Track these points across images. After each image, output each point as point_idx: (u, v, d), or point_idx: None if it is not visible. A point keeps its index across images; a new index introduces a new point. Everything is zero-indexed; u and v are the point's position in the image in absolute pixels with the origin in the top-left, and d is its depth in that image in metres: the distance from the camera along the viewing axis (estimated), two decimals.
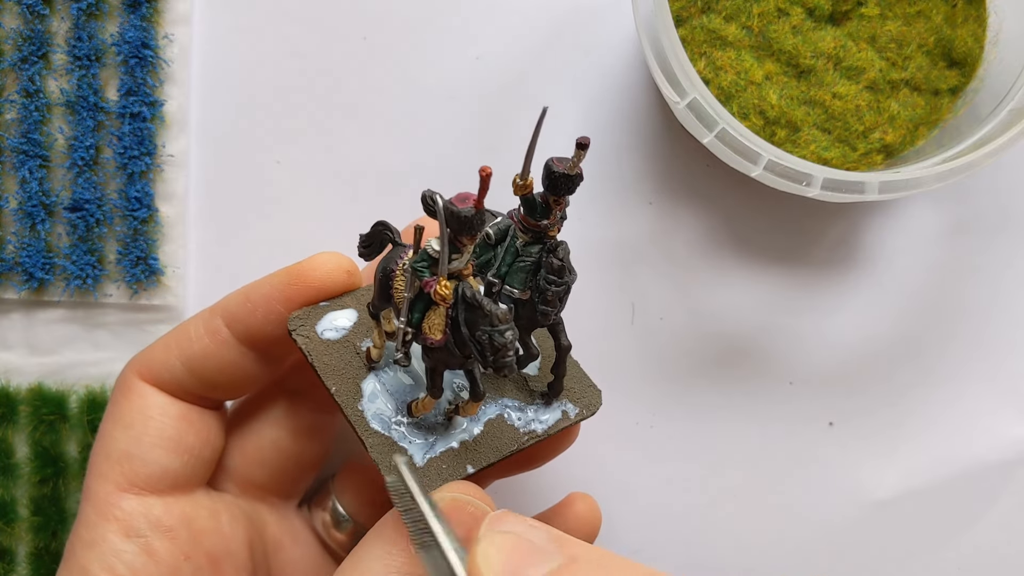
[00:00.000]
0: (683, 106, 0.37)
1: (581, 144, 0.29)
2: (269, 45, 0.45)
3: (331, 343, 0.34)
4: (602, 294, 0.46)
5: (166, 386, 0.36)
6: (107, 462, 0.35)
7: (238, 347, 0.35)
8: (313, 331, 0.34)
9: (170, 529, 0.35)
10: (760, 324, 0.46)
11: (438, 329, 0.30)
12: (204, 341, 0.35)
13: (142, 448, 0.35)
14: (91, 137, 0.43)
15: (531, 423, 0.34)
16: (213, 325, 0.35)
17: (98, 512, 0.35)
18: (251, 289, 0.35)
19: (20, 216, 0.43)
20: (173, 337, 0.36)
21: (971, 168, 0.37)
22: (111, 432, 0.36)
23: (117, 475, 0.35)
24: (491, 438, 0.34)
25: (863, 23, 0.42)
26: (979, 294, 0.46)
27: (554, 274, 0.31)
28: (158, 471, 0.35)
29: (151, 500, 0.35)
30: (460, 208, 0.28)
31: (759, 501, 0.46)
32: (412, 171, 0.45)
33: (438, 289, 0.29)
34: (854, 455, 0.46)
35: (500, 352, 0.28)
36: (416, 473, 0.31)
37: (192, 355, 0.35)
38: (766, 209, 0.45)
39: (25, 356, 0.44)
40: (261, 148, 0.45)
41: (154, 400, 0.35)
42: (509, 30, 0.45)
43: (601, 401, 0.35)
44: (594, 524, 0.39)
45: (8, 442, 0.44)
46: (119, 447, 0.35)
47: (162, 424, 0.35)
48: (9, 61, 0.43)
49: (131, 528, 0.34)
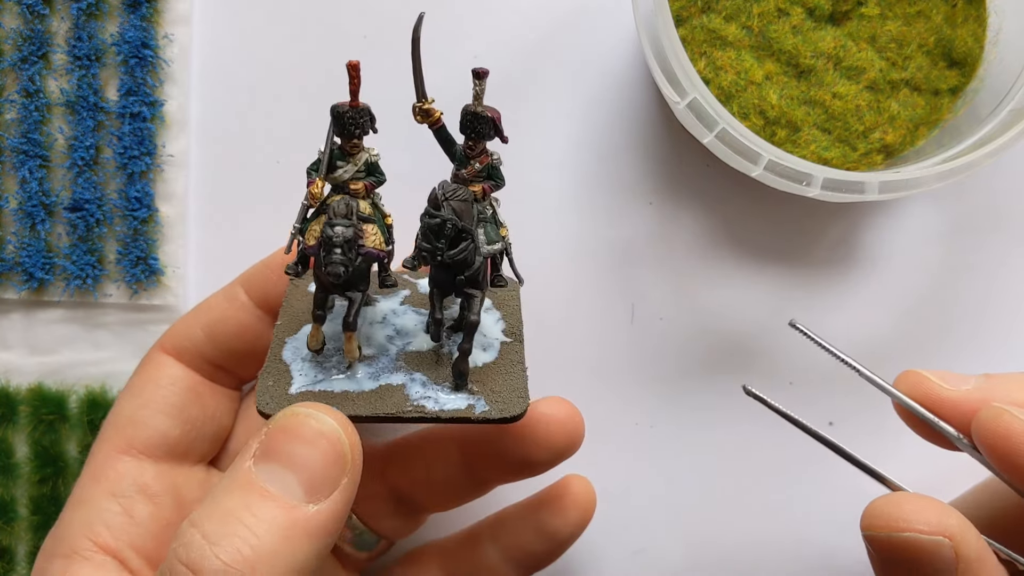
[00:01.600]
0: (683, 106, 0.37)
1: (477, 73, 0.29)
2: (269, 45, 0.45)
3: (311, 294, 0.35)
4: (602, 294, 0.46)
5: (184, 355, 0.37)
6: (112, 426, 0.36)
7: (255, 311, 0.38)
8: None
9: (156, 495, 0.35)
10: (760, 324, 0.46)
11: (312, 236, 0.31)
12: (223, 306, 0.38)
13: (145, 413, 0.36)
14: (91, 137, 0.43)
15: (426, 400, 0.33)
16: (232, 291, 0.38)
17: (92, 474, 0.36)
18: (270, 257, 0.38)
19: (20, 216, 0.43)
20: (196, 309, 0.38)
21: (971, 168, 0.37)
22: (122, 399, 0.37)
23: (119, 438, 0.36)
24: (376, 398, 0.33)
25: (863, 23, 0.42)
26: (978, 293, 0.46)
27: (431, 204, 0.30)
28: (156, 436, 0.36)
29: (145, 464, 0.36)
30: (337, 104, 0.29)
31: (759, 501, 0.46)
32: (412, 171, 0.45)
33: (311, 189, 0.30)
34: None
35: (328, 246, 0.29)
36: None
37: (211, 320, 0.37)
38: (766, 209, 0.45)
39: (25, 356, 0.44)
40: (261, 148, 0.45)
41: (168, 370, 0.37)
42: (509, 30, 0.45)
43: (523, 411, 0.33)
44: (588, 505, 0.40)
45: (8, 442, 0.44)
46: (125, 413, 0.36)
47: (168, 392, 0.37)
48: (9, 61, 0.43)
49: (117, 488, 0.35)
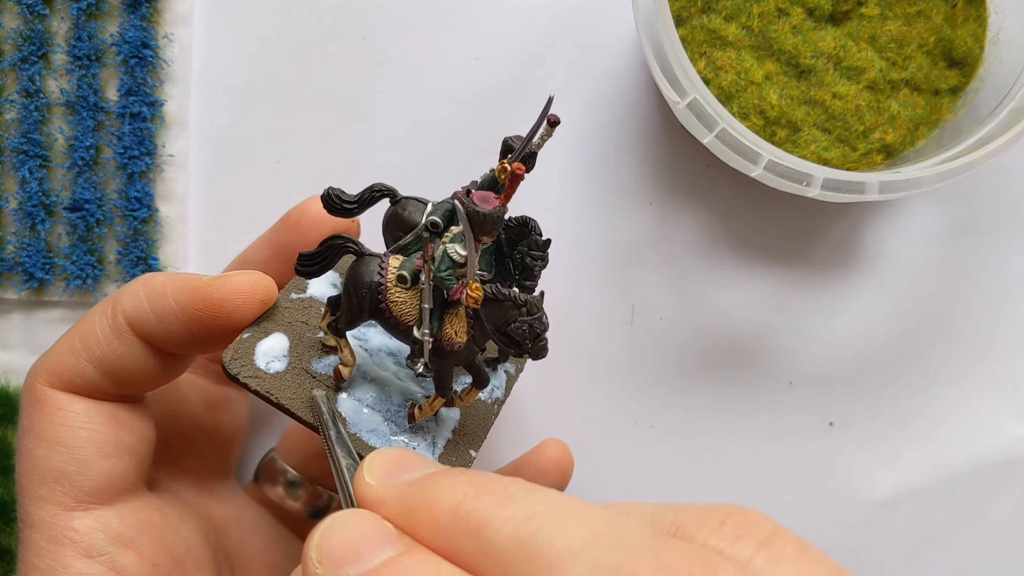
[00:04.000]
0: (683, 106, 0.37)
1: (552, 121, 0.29)
2: (269, 45, 0.45)
3: (282, 375, 0.31)
4: (602, 294, 0.46)
5: (81, 390, 0.32)
6: (44, 484, 0.32)
7: (148, 350, 0.32)
8: (257, 368, 0.31)
9: (131, 540, 0.32)
10: (760, 324, 0.46)
11: (463, 332, 0.29)
12: (113, 343, 0.32)
13: (79, 462, 0.32)
14: (91, 137, 0.43)
15: (493, 391, 0.34)
16: (118, 325, 0.32)
17: (49, 538, 0.31)
18: (152, 296, 0.32)
19: (20, 216, 0.43)
20: (78, 339, 0.32)
21: (971, 168, 0.37)
22: (35, 450, 0.32)
23: (59, 495, 0.32)
24: (470, 418, 0.34)
25: (863, 23, 0.42)
26: (979, 294, 0.46)
27: (539, 249, 0.31)
28: (103, 480, 0.32)
29: (104, 513, 0.32)
30: (490, 209, 0.27)
31: (759, 501, 0.46)
32: (412, 171, 0.45)
33: (470, 293, 0.28)
34: (854, 455, 0.46)
35: (540, 338, 0.28)
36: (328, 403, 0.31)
37: (103, 358, 0.32)
38: (766, 209, 0.45)
39: (25, 356, 0.44)
40: (261, 148, 0.45)
41: (75, 408, 0.32)
42: (509, 30, 0.45)
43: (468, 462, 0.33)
44: (566, 468, 0.39)
45: (8, 442, 0.44)
46: (52, 465, 0.32)
47: (92, 432, 0.32)
48: (9, 61, 0.43)
49: (91, 547, 0.31)
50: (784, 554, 0.21)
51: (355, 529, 0.23)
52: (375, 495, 0.24)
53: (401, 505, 0.23)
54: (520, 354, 0.29)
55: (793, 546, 0.21)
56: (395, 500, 0.24)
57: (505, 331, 0.28)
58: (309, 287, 0.34)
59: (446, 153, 0.45)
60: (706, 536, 0.21)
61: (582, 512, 0.21)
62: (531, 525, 0.21)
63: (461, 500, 0.22)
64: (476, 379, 0.32)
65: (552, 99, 0.28)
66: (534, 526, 0.21)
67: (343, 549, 0.22)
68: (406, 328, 0.30)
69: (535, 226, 0.31)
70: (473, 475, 0.23)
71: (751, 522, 0.21)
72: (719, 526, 0.21)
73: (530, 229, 0.31)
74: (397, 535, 0.23)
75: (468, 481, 0.23)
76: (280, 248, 0.37)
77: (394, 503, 0.24)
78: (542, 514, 0.21)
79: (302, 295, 0.34)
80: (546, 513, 0.21)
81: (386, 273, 0.30)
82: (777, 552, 0.21)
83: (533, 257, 0.31)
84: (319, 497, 0.42)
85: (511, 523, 0.21)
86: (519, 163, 0.27)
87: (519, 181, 0.27)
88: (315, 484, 0.41)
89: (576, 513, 0.21)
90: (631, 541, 0.20)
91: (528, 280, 0.31)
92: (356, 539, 0.23)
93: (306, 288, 0.34)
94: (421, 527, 0.23)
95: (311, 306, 0.34)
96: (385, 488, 0.24)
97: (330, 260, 0.31)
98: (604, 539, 0.20)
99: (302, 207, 0.37)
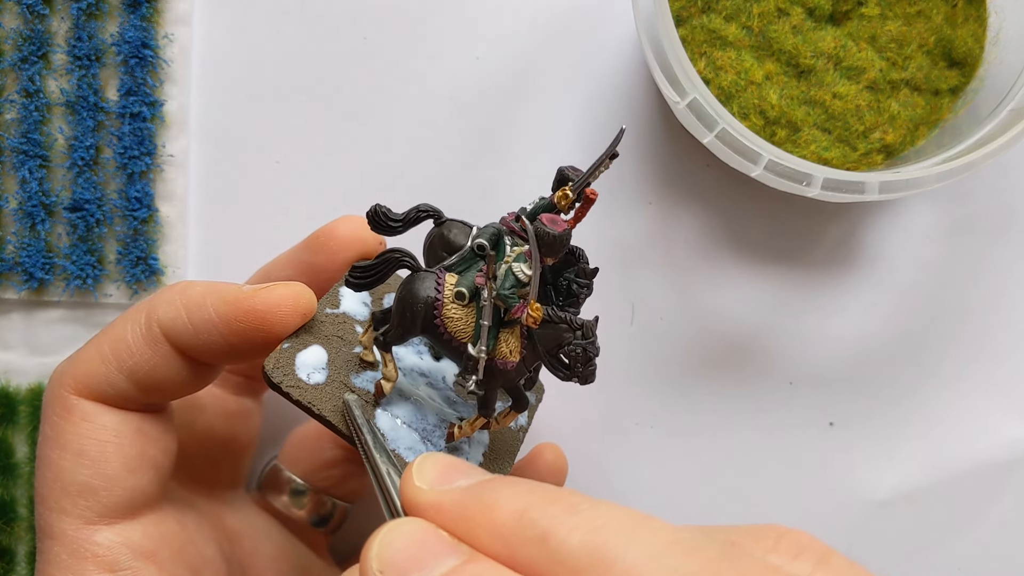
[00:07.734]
0: (683, 106, 0.37)
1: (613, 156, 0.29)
2: (269, 45, 0.45)
3: (322, 387, 0.31)
4: (602, 294, 0.45)
5: (110, 400, 0.32)
6: (67, 496, 0.31)
7: (181, 360, 0.32)
8: (298, 378, 0.31)
9: (153, 553, 0.32)
10: (760, 324, 0.46)
11: (517, 351, 0.29)
12: (147, 353, 0.31)
13: (104, 477, 0.31)
14: (91, 137, 0.43)
15: (518, 419, 0.35)
16: (152, 335, 0.31)
17: (71, 552, 0.31)
18: (190, 306, 0.31)
19: (20, 216, 0.43)
20: (108, 347, 0.32)
21: (971, 168, 0.37)
22: (59, 461, 0.32)
23: (82, 509, 0.31)
24: (498, 443, 0.34)
25: (863, 23, 0.42)
26: (979, 294, 0.46)
27: (586, 277, 0.31)
28: (128, 495, 0.32)
29: (128, 527, 0.32)
30: (560, 232, 0.28)
31: (759, 501, 0.46)
32: (412, 171, 0.45)
33: (531, 312, 0.28)
34: (854, 455, 0.46)
35: (591, 362, 0.28)
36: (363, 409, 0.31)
37: (135, 367, 0.31)
38: (766, 209, 0.45)
39: (25, 356, 0.44)
40: (261, 148, 0.45)
41: (103, 420, 0.32)
42: (509, 30, 0.45)
43: None
44: (560, 470, 0.40)
45: (8, 442, 0.44)
46: (76, 479, 0.31)
47: (119, 445, 0.32)
48: (9, 61, 0.43)
49: (114, 563, 0.31)
50: (841, 572, 0.21)
51: (415, 537, 0.23)
52: (427, 500, 0.24)
53: (458, 511, 0.23)
54: (568, 378, 0.29)
55: (846, 565, 0.22)
56: (451, 505, 0.23)
57: (557, 353, 0.28)
58: (342, 303, 0.34)
59: (446, 153, 0.45)
60: (763, 553, 0.21)
61: (651, 523, 0.21)
62: (602, 535, 0.20)
63: (525, 508, 0.22)
64: (516, 401, 0.32)
65: (623, 131, 0.29)
66: (604, 536, 0.20)
67: (406, 557, 0.22)
68: (459, 345, 0.30)
69: (583, 255, 0.31)
70: (532, 483, 0.23)
71: (803, 543, 0.22)
72: (775, 544, 0.22)
73: (577, 257, 0.31)
74: (456, 543, 0.23)
75: (530, 490, 0.23)
76: (307, 267, 0.37)
77: (450, 508, 0.23)
78: (611, 524, 0.21)
79: (335, 310, 0.34)
80: (616, 523, 0.21)
81: (443, 289, 0.30)
82: (834, 570, 0.21)
83: (580, 284, 0.31)
84: (323, 505, 0.42)
85: (580, 532, 0.21)
86: (593, 189, 0.29)
87: (591, 205, 0.29)
88: (320, 493, 0.41)
89: (645, 524, 0.21)
90: (705, 551, 0.20)
91: (571, 307, 0.31)
92: (417, 547, 0.22)
93: (339, 304, 0.34)
94: (481, 534, 0.22)
95: (344, 321, 0.34)
96: (438, 493, 0.24)
97: (385, 273, 0.31)
98: (679, 547, 0.20)
99: (330, 227, 0.36)
